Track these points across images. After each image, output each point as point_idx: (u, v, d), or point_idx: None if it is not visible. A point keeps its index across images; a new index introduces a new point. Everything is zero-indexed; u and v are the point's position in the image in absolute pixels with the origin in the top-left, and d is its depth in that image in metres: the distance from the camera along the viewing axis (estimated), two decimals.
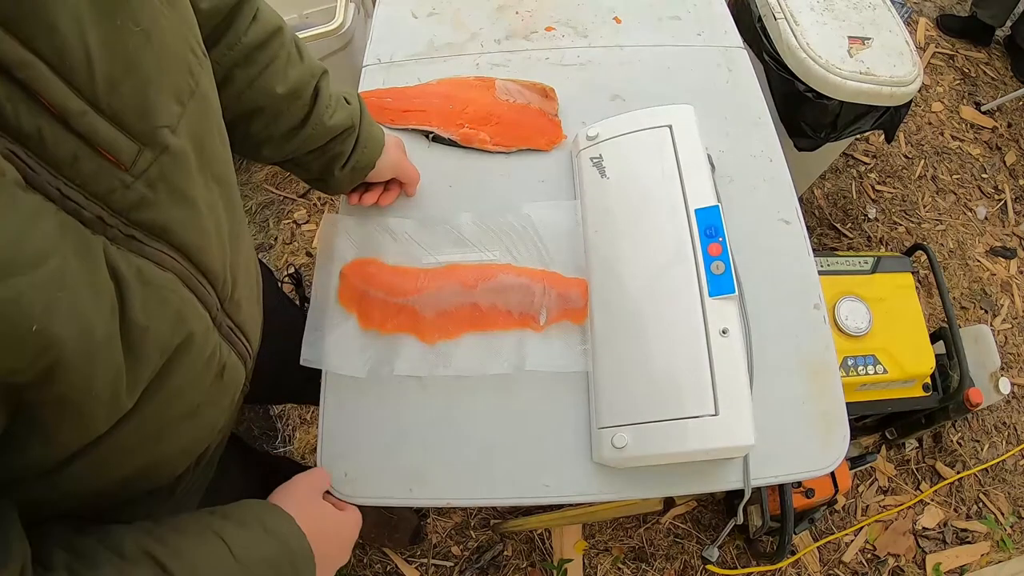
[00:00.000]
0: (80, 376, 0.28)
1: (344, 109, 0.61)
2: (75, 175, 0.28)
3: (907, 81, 1.12)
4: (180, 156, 0.34)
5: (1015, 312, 1.66)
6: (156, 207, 0.33)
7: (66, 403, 0.29)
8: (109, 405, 0.32)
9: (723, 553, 1.30)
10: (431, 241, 0.69)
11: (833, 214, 1.76)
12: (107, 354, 0.30)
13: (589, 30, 0.89)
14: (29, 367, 0.26)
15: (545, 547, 1.30)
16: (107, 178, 0.30)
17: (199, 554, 0.41)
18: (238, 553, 0.43)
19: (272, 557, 0.45)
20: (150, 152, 0.31)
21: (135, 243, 0.32)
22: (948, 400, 1.16)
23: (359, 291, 0.65)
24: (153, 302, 0.33)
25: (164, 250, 0.34)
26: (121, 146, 0.30)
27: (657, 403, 0.56)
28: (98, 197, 0.30)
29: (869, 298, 1.16)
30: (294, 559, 0.46)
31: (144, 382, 0.34)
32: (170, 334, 0.35)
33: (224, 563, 0.42)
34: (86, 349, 0.28)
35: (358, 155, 0.64)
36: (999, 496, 1.41)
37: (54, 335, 0.26)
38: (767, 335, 0.65)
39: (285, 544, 0.46)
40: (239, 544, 0.43)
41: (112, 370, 0.31)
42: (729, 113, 0.80)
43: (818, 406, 0.62)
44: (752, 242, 0.70)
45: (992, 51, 2.17)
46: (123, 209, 0.31)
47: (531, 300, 0.64)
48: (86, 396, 0.29)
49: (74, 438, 0.32)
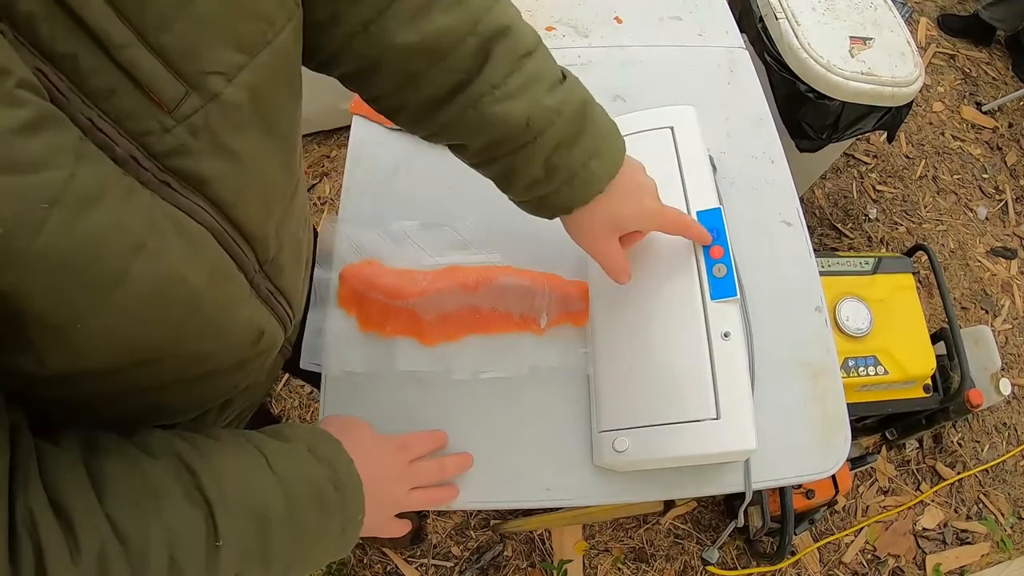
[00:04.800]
0: (67, 307, 0.27)
1: (531, 96, 0.42)
2: (111, 109, 0.27)
3: (908, 81, 1.11)
4: (232, 107, 0.31)
5: (1016, 313, 1.66)
6: (197, 157, 0.30)
7: (47, 328, 0.27)
8: (102, 347, 0.30)
9: (723, 554, 1.30)
10: (431, 243, 0.69)
11: (834, 214, 1.76)
12: (108, 293, 0.28)
13: (590, 30, 0.88)
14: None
15: (545, 547, 1.30)
16: (146, 118, 0.28)
17: (229, 460, 0.39)
18: (276, 466, 0.40)
19: (314, 477, 0.42)
20: (198, 97, 0.29)
21: (168, 191, 0.30)
22: (949, 401, 1.16)
23: (359, 293, 0.65)
24: (186, 253, 0.32)
25: (200, 203, 0.32)
26: (165, 86, 0.28)
27: (658, 407, 0.55)
28: (133, 136, 0.28)
29: (870, 299, 1.15)
30: (340, 484, 0.43)
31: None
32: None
33: (258, 473, 0.39)
34: (81, 279, 0.26)
35: (550, 189, 0.46)
36: (999, 497, 1.41)
37: (31, 251, 0.23)
38: (768, 337, 0.65)
39: (330, 467, 0.43)
40: (279, 458, 0.41)
41: (107, 311, 0.28)
42: (730, 114, 0.80)
43: (819, 409, 0.62)
44: (753, 244, 0.70)
45: (993, 51, 2.16)
46: (160, 154, 0.29)
47: (532, 302, 0.64)
48: (70, 330, 0.28)
49: (63, 363, 0.30)
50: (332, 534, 0.43)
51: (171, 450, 0.37)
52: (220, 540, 0.35)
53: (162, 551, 0.33)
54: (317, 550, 0.43)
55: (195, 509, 0.35)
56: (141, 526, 0.33)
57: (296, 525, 0.40)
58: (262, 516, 0.38)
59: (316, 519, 0.42)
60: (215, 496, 0.36)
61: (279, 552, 0.39)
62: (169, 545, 0.33)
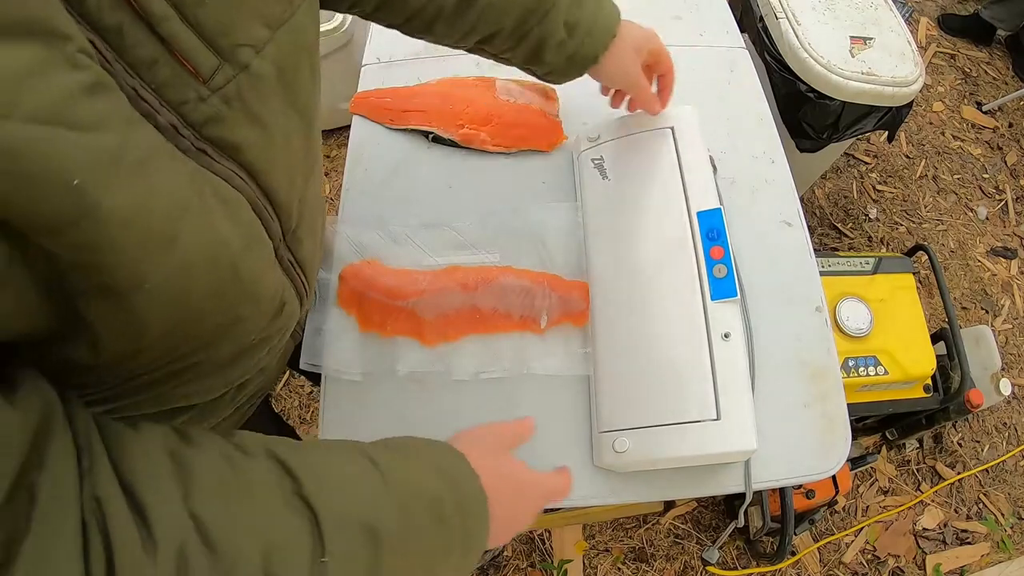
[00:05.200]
0: (126, 266, 0.27)
1: None
2: (152, 79, 0.28)
3: (909, 81, 1.11)
4: (260, 79, 0.33)
5: (1016, 312, 1.66)
6: (230, 125, 0.32)
7: (112, 295, 0.28)
8: (160, 313, 0.30)
9: (723, 554, 1.30)
10: (431, 243, 0.69)
11: (834, 214, 1.76)
12: (167, 254, 0.29)
13: None
14: (69, 229, 0.24)
15: (545, 547, 1.30)
16: (183, 88, 0.30)
17: (336, 469, 0.35)
18: (390, 477, 0.36)
19: (433, 491, 0.38)
20: (230, 68, 0.31)
21: (205, 158, 0.32)
22: (949, 401, 1.16)
23: (359, 293, 0.64)
24: (226, 218, 0.33)
25: (234, 169, 0.34)
26: (201, 57, 0.30)
27: (658, 407, 0.55)
28: (173, 105, 0.29)
29: (870, 299, 1.15)
30: (463, 501, 0.39)
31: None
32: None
33: (369, 485, 0.35)
34: (143, 236, 0.27)
35: (576, 44, 0.54)
36: (999, 497, 1.41)
37: (101, 203, 0.25)
38: (769, 338, 0.64)
39: (453, 482, 0.39)
40: (393, 470, 0.37)
41: (165, 272, 0.29)
42: (731, 114, 0.79)
43: (820, 409, 0.62)
44: (754, 244, 0.70)
45: (993, 50, 2.16)
46: (197, 122, 0.31)
47: (532, 303, 0.64)
48: (132, 293, 0.28)
49: (123, 341, 0.30)
50: (452, 559, 0.38)
51: (269, 451, 0.34)
52: (326, 555, 0.31)
53: (255, 562, 0.29)
54: (440, 566, 0.38)
55: (297, 518, 0.32)
56: (232, 530, 0.29)
57: (411, 546, 0.36)
58: (373, 532, 0.34)
59: (434, 540, 0.37)
60: (320, 505, 0.32)
61: (396, 571, 0.35)
62: (265, 556, 0.29)
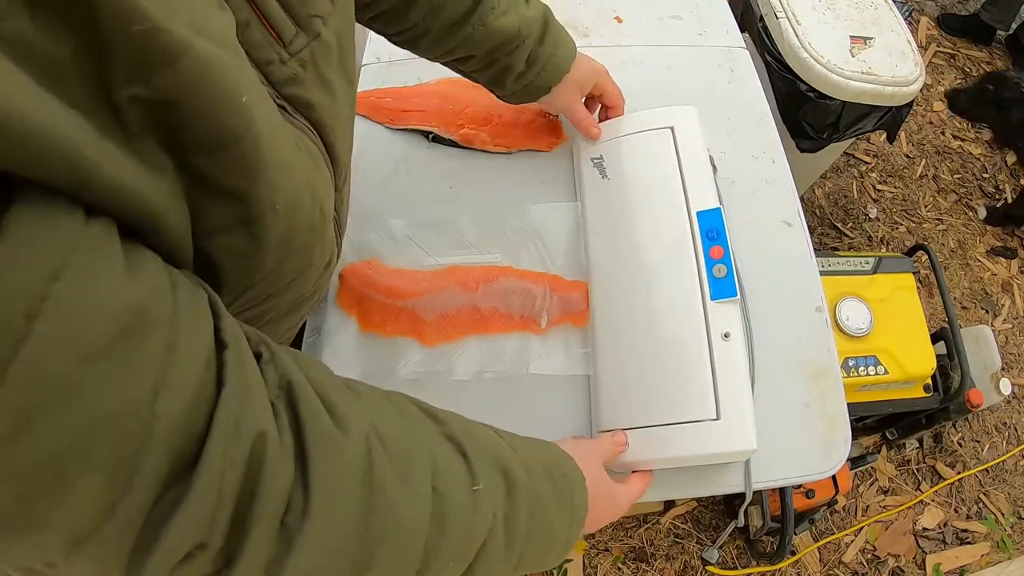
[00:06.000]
0: (266, 187, 0.30)
1: (517, 12, 0.57)
2: (245, 40, 0.31)
3: (909, 81, 1.11)
4: (327, 45, 0.37)
5: (1016, 312, 1.66)
6: (304, 85, 0.35)
7: (246, 227, 0.30)
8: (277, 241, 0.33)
9: (723, 553, 1.30)
10: (431, 243, 0.69)
11: (834, 213, 1.76)
12: (289, 178, 0.32)
13: (590, 29, 0.88)
14: (232, 144, 0.27)
15: None
16: (268, 50, 0.33)
17: (467, 423, 0.39)
18: (511, 442, 0.41)
19: (545, 459, 0.42)
20: (304, 36, 0.35)
21: (285, 114, 0.35)
22: (949, 401, 1.16)
23: (359, 293, 0.64)
24: (310, 163, 0.36)
25: (307, 126, 0.37)
26: (284, 24, 0.33)
27: (658, 407, 0.55)
28: (259, 65, 0.32)
29: (870, 298, 1.15)
30: (567, 473, 0.43)
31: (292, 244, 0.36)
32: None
33: (495, 440, 0.40)
34: (279, 158, 0.30)
35: (533, 76, 0.61)
36: (999, 496, 1.41)
37: (257, 121, 0.27)
38: (768, 337, 0.64)
39: (556, 457, 0.44)
40: (510, 437, 0.41)
41: (287, 195, 0.32)
42: (731, 114, 0.79)
43: (820, 409, 0.62)
44: (754, 244, 0.70)
45: (993, 50, 2.16)
46: (278, 81, 0.34)
47: (532, 303, 0.64)
48: (265, 216, 0.30)
49: (239, 279, 0.32)
50: (563, 525, 0.42)
51: (408, 398, 0.37)
52: (478, 484, 0.34)
53: (426, 474, 0.32)
54: (550, 540, 0.41)
55: (450, 448, 0.35)
56: (403, 443, 0.32)
57: (536, 500, 0.39)
58: (510, 477, 0.37)
59: (552, 502, 0.41)
60: (466, 443, 0.36)
61: (521, 525, 0.37)
62: (433, 471, 0.32)
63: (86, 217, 0.21)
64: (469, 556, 0.35)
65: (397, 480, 0.30)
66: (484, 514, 0.34)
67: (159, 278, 0.25)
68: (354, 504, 0.28)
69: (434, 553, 0.32)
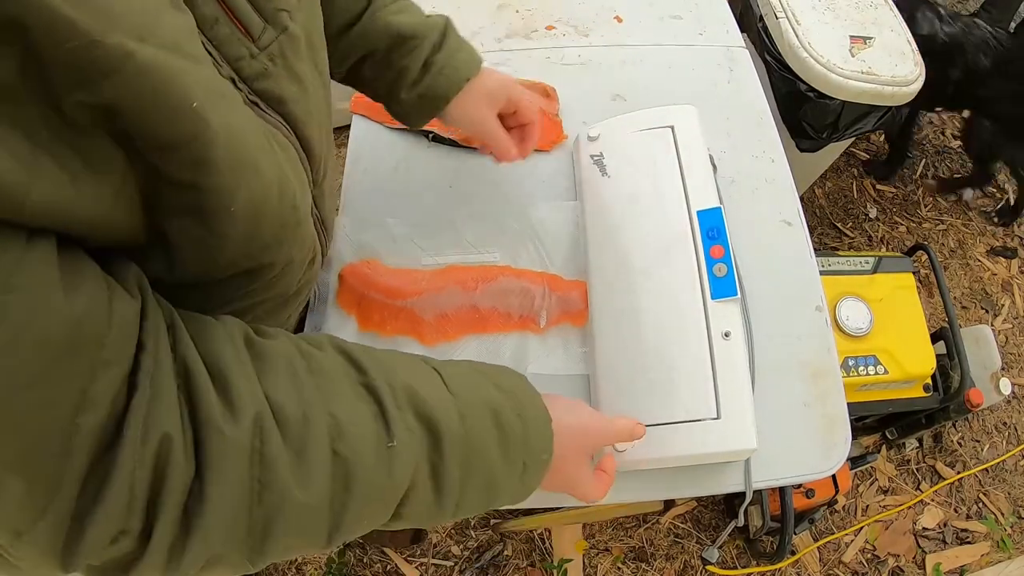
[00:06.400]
0: (220, 187, 0.30)
1: (414, 14, 0.57)
2: (214, 36, 0.32)
3: (909, 81, 1.11)
4: (296, 39, 0.37)
5: (1016, 312, 1.66)
6: (276, 79, 0.36)
7: (200, 216, 0.31)
8: (237, 236, 0.33)
9: (723, 553, 1.30)
10: (430, 242, 0.69)
11: (834, 213, 1.76)
12: (252, 177, 0.32)
13: (590, 29, 0.88)
14: (183, 146, 0.27)
15: (545, 547, 1.30)
16: (238, 45, 0.33)
17: (401, 370, 0.38)
18: (451, 385, 0.39)
19: (493, 402, 0.40)
20: (272, 30, 0.35)
21: (257, 110, 0.35)
22: (949, 400, 1.16)
23: (358, 293, 0.64)
24: (285, 160, 0.36)
25: (280, 121, 0.37)
26: (252, 20, 0.34)
27: (658, 406, 0.55)
28: (229, 61, 0.33)
29: (870, 298, 1.15)
30: (523, 413, 0.41)
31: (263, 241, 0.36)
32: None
33: (432, 387, 0.38)
34: (238, 159, 0.30)
35: (430, 81, 0.56)
36: (999, 496, 1.41)
37: (211, 124, 0.28)
38: (768, 337, 0.64)
39: (513, 397, 0.41)
40: (455, 379, 0.39)
41: (248, 196, 0.32)
42: (731, 113, 0.79)
43: (820, 409, 0.62)
44: (754, 243, 0.69)
45: None
46: (249, 77, 0.34)
47: (531, 303, 0.64)
48: (220, 214, 0.31)
49: (199, 261, 0.33)
50: (512, 470, 0.40)
51: (337, 347, 0.37)
52: (393, 441, 0.34)
53: (323, 441, 0.32)
54: (492, 485, 0.40)
55: (364, 404, 0.35)
56: (299, 411, 0.32)
57: (472, 448, 0.38)
58: (434, 428, 0.36)
59: (494, 446, 0.39)
60: (386, 395, 0.35)
61: (452, 475, 0.37)
62: (331, 436, 0.32)
63: (28, 239, 0.23)
64: (388, 507, 0.35)
65: (290, 458, 0.31)
66: (401, 468, 0.34)
67: (97, 294, 0.26)
68: (243, 485, 0.30)
69: (342, 512, 0.33)
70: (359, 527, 0.35)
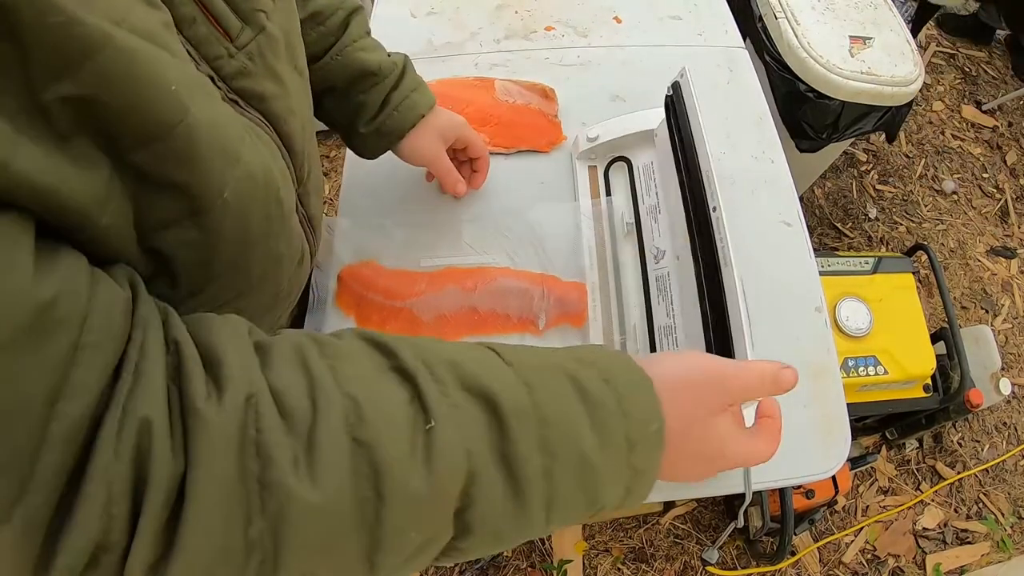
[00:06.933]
0: (209, 176, 0.30)
1: (378, 53, 0.59)
2: (192, 35, 0.32)
3: (908, 81, 1.11)
4: (273, 39, 0.38)
5: (1016, 312, 1.66)
6: (254, 78, 0.36)
7: (194, 218, 0.30)
8: (229, 231, 0.33)
9: (723, 554, 1.30)
10: (429, 243, 0.68)
11: (833, 213, 1.76)
12: (235, 167, 0.32)
13: (589, 30, 0.88)
14: (166, 135, 0.27)
15: (545, 547, 1.30)
16: (216, 45, 0.33)
17: (441, 346, 0.32)
18: (509, 358, 0.32)
19: (568, 368, 0.33)
20: (250, 30, 0.35)
21: (237, 107, 0.35)
22: (949, 401, 1.16)
23: (357, 294, 0.64)
24: (267, 154, 0.37)
25: (260, 118, 0.37)
26: (229, 19, 0.34)
27: None
28: (208, 60, 0.33)
29: (870, 299, 1.15)
30: (611, 377, 0.33)
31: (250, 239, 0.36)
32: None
33: (480, 358, 0.32)
34: (221, 149, 0.30)
35: (385, 117, 0.59)
36: (999, 496, 1.41)
37: (191, 110, 0.28)
38: (768, 338, 0.64)
39: (593, 364, 0.33)
40: (516, 354, 0.33)
41: (235, 185, 0.32)
42: (730, 114, 0.79)
43: (819, 410, 0.62)
44: (753, 244, 0.69)
45: (993, 50, 2.16)
46: (228, 75, 0.34)
47: (530, 304, 0.63)
48: (213, 207, 0.31)
49: (198, 271, 0.33)
50: (615, 451, 0.32)
51: (360, 334, 0.32)
52: (432, 420, 0.28)
53: (337, 425, 0.26)
54: (590, 473, 0.31)
55: (391, 386, 0.29)
56: (308, 395, 0.27)
57: (550, 424, 0.30)
58: (492, 401, 0.29)
59: (582, 421, 0.31)
60: (421, 374, 0.29)
61: (529, 461, 0.29)
62: (349, 422, 0.27)
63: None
64: (445, 514, 0.28)
65: (294, 445, 0.25)
66: (449, 455, 0.27)
67: (75, 278, 0.24)
68: (234, 484, 0.24)
69: (376, 519, 0.26)
70: (407, 543, 0.27)
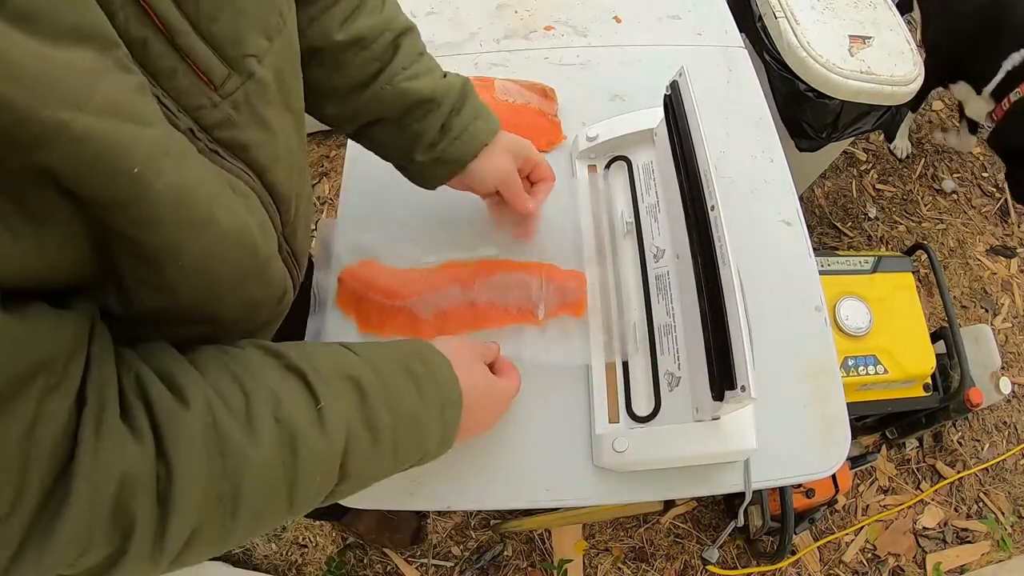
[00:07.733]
0: (164, 242, 0.30)
1: (432, 78, 0.55)
2: (172, 88, 0.31)
3: (908, 80, 1.11)
4: (263, 84, 0.37)
5: (1015, 311, 1.66)
6: (238, 127, 0.35)
7: (148, 265, 0.31)
8: (190, 285, 0.34)
9: (723, 553, 1.30)
10: (429, 242, 0.68)
11: (833, 213, 1.76)
12: (203, 231, 0.32)
13: (589, 29, 0.88)
14: (126, 208, 0.28)
15: (545, 547, 1.30)
16: (198, 95, 0.33)
17: (311, 347, 0.41)
18: (361, 352, 0.43)
19: (397, 355, 0.45)
20: (237, 77, 0.34)
21: (218, 158, 0.35)
22: (948, 400, 1.16)
23: (357, 294, 0.64)
24: (244, 208, 0.37)
25: (243, 168, 0.37)
26: (214, 68, 0.33)
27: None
28: (189, 111, 0.32)
29: (869, 298, 1.15)
30: (425, 359, 0.46)
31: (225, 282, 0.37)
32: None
33: (342, 354, 0.42)
34: (186, 217, 0.31)
35: (446, 145, 0.56)
36: (999, 496, 1.41)
37: (154, 187, 0.28)
38: (768, 337, 0.64)
39: (412, 348, 0.46)
40: (358, 347, 0.43)
41: (201, 249, 0.33)
42: (729, 113, 0.79)
43: (819, 409, 0.62)
44: (753, 244, 0.69)
45: None
46: (209, 126, 0.34)
47: (528, 295, 0.63)
48: (168, 268, 0.32)
49: (149, 301, 0.34)
50: (432, 412, 0.44)
51: (251, 342, 0.40)
52: (321, 402, 0.37)
53: (265, 410, 0.35)
54: (419, 424, 0.43)
55: (290, 379, 0.38)
56: (240, 393, 0.35)
57: (392, 396, 0.41)
58: (356, 383, 0.40)
59: (411, 392, 0.43)
60: (306, 367, 0.38)
61: (383, 424, 0.40)
62: (272, 404, 0.35)
63: None
64: (334, 464, 0.38)
65: (239, 425, 0.34)
66: (336, 424, 0.37)
67: (45, 323, 0.27)
68: (206, 456, 0.32)
69: (294, 473, 0.35)
70: (314, 488, 0.37)
